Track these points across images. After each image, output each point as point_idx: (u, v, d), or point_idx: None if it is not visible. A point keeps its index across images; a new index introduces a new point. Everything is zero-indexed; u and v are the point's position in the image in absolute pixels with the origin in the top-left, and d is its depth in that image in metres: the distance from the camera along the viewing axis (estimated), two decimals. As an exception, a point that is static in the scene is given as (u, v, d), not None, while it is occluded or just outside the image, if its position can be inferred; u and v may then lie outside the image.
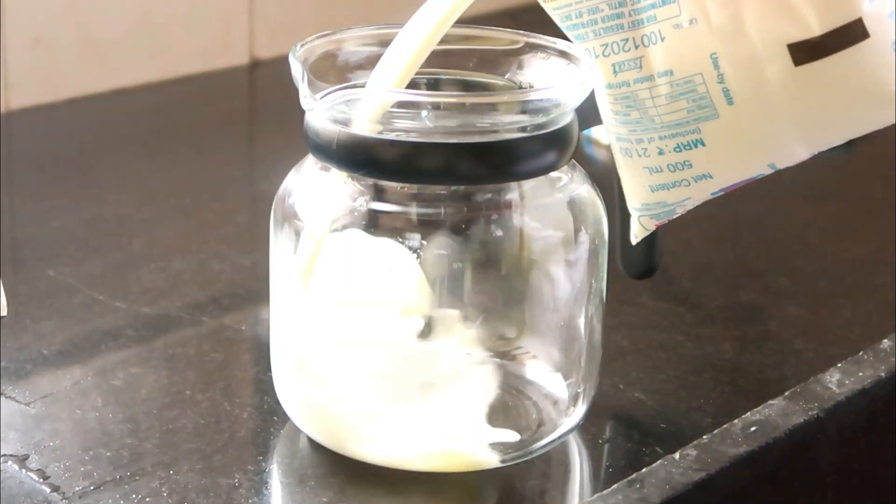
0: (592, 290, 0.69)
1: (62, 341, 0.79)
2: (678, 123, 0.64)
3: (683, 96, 0.63)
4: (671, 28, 0.62)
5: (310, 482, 0.67)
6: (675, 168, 0.65)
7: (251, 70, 1.30)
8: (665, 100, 0.64)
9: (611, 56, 0.64)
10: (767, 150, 0.65)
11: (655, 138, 0.65)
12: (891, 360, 0.79)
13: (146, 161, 1.09)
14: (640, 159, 0.66)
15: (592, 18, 0.64)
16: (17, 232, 0.95)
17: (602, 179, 0.72)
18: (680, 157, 0.65)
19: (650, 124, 0.65)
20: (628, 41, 0.64)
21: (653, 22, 0.63)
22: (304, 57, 0.66)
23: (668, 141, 0.65)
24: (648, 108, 0.64)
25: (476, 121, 0.65)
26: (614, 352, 0.78)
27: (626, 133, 0.66)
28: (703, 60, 0.62)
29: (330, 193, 0.65)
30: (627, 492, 0.66)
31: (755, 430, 0.71)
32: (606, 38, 0.64)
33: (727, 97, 0.63)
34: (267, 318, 0.72)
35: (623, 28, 0.63)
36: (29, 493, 0.65)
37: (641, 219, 0.70)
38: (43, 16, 1.15)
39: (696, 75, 0.63)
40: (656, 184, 0.67)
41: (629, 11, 0.63)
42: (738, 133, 0.64)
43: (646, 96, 0.64)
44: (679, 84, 0.63)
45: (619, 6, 0.63)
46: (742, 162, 0.66)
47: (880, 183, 1.08)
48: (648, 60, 0.64)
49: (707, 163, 0.65)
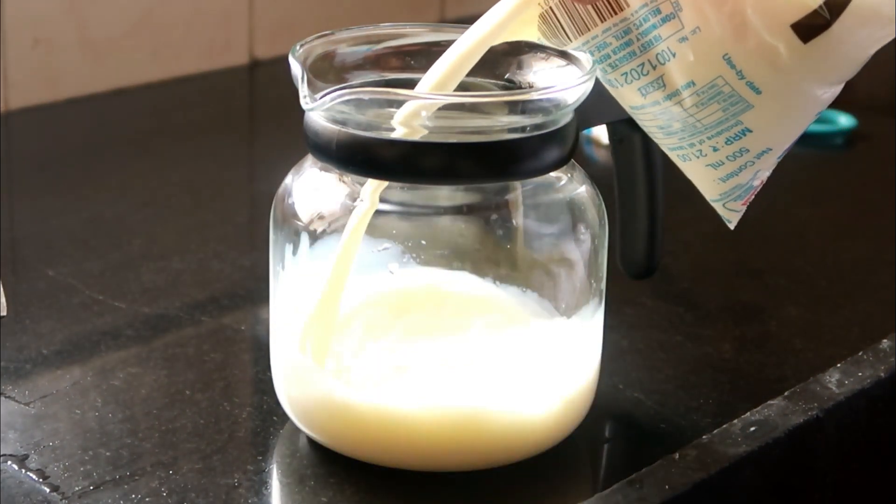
0: (592, 290, 0.69)
1: (62, 341, 0.79)
2: (719, 122, 0.65)
3: (713, 100, 0.64)
4: (678, 42, 0.63)
5: (309, 482, 0.67)
6: (735, 156, 0.66)
7: (251, 70, 1.30)
8: (697, 108, 0.64)
9: (633, 83, 0.65)
10: (809, 108, 0.66)
11: (705, 139, 0.66)
12: (890, 360, 0.79)
13: (146, 161, 1.09)
14: (699, 160, 0.67)
15: (604, 54, 0.64)
16: (17, 232, 0.95)
17: (602, 179, 0.72)
18: (734, 147, 0.66)
19: (694, 130, 0.65)
20: (644, 65, 0.64)
21: (659, 41, 0.63)
22: (303, 57, 0.66)
23: (717, 138, 0.66)
24: (686, 118, 0.65)
25: (476, 121, 0.65)
26: (614, 352, 0.78)
27: (677, 142, 0.67)
28: (718, 64, 0.63)
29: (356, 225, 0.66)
30: (627, 492, 0.66)
31: (755, 430, 0.71)
32: (623, 67, 0.65)
33: (753, 89, 0.63)
34: (267, 318, 0.72)
35: (636, 54, 0.64)
36: (28, 493, 0.65)
37: (727, 205, 0.70)
38: (43, 16, 1.15)
39: (717, 79, 0.63)
40: (724, 174, 0.68)
41: (636, 37, 0.64)
42: (777, 112, 0.65)
43: (679, 110, 0.65)
44: (704, 91, 0.64)
45: (624, 35, 0.64)
46: (792, 126, 0.67)
47: (880, 183, 1.08)
48: (669, 77, 0.64)
49: (761, 142, 0.66)
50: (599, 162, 1.06)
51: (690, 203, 0.72)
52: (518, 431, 0.67)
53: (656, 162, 0.75)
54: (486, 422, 0.66)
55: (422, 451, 0.67)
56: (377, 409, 0.66)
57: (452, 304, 0.70)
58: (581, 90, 0.65)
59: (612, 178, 0.75)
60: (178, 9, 1.24)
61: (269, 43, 1.30)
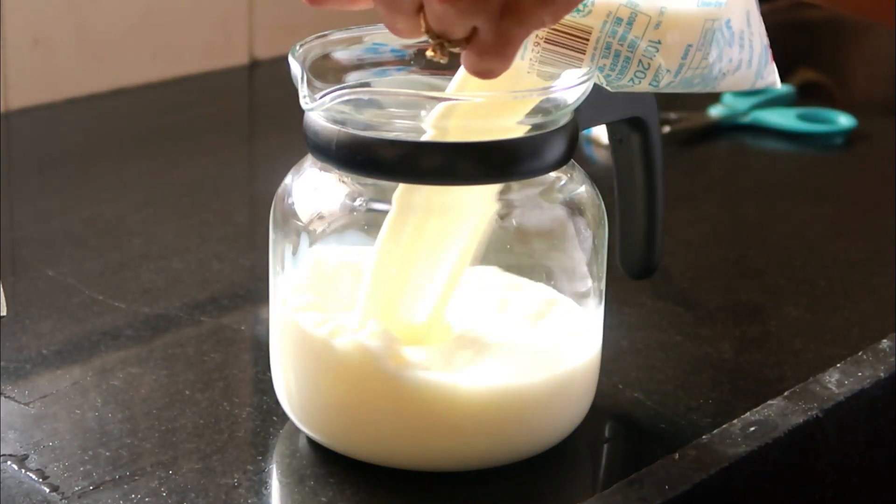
0: (592, 290, 0.69)
1: (61, 341, 0.79)
2: (723, 50, 0.66)
3: (712, 43, 0.65)
4: (654, 30, 0.63)
5: (309, 482, 0.67)
6: (742, 47, 0.68)
7: (251, 70, 1.30)
8: (704, 59, 0.65)
9: (642, 81, 0.65)
10: None
11: (727, 72, 0.67)
12: (890, 360, 0.79)
13: (146, 161, 1.09)
14: (730, 78, 0.68)
15: (606, 74, 0.65)
16: (17, 232, 0.95)
17: (602, 179, 0.72)
18: (745, 44, 0.67)
19: (711, 72, 0.66)
20: (640, 63, 0.64)
21: (639, 41, 0.63)
22: (303, 57, 0.66)
23: (731, 60, 0.67)
24: (700, 72, 0.65)
25: (476, 121, 0.65)
26: (614, 352, 0.78)
27: (703, 88, 0.67)
28: (698, 18, 0.64)
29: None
30: (627, 492, 0.66)
31: (754, 430, 0.71)
32: (626, 75, 0.65)
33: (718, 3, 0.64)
34: (266, 318, 0.72)
35: (629, 60, 0.64)
36: (28, 493, 0.65)
37: (765, 74, 0.71)
38: (43, 16, 1.15)
39: (705, 23, 0.64)
40: (753, 73, 0.69)
41: (619, 46, 0.64)
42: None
43: (691, 73, 0.65)
44: (703, 43, 0.65)
45: (607, 49, 0.64)
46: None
47: (880, 183, 1.08)
48: (668, 60, 0.64)
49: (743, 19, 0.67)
50: (599, 162, 1.06)
51: (690, 203, 0.72)
52: (518, 431, 0.67)
53: (656, 162, 0.75)
54: (486, 422, 0.66)
55: (422, 450, 0.67)
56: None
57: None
58: (581, 90, 0.65)
59: (611, 178, 0.75)
60: (178, 9, 1.23)
61: (269, 43, 1.30)
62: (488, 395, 0.66)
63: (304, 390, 0.68)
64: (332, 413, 0.67)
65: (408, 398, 0.65)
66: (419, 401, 0.65)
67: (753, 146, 1.16)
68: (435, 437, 0.66)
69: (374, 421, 0.66)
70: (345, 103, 0.63)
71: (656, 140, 0.74)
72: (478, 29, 0.58)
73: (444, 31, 0.58)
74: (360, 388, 0.66)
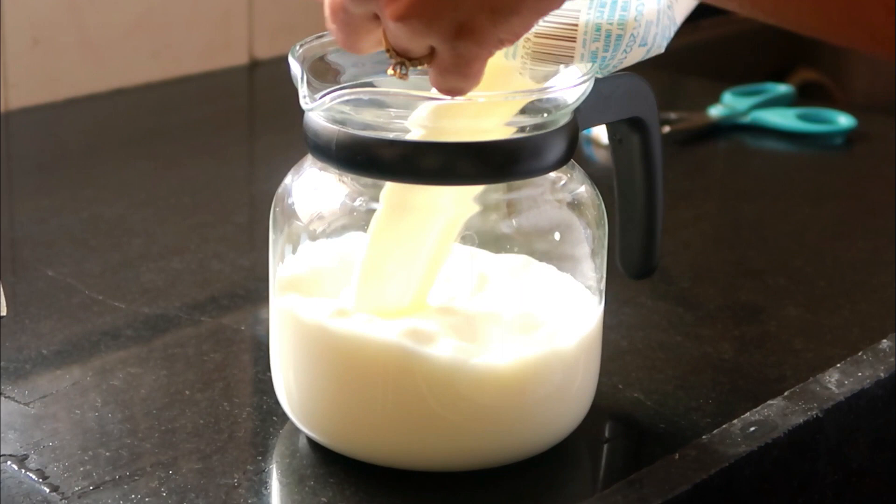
0: (592, 290, 0.69)
1: (61, 341, 0.79)
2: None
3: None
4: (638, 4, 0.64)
5: (309, 482, 0.67)
6: None
7: (250, 70, 1.30)
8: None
9: (635, 48, 0.64)
10: None
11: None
12: (890, 360, 0.79)
13: (146, 161, 1.09)
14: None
15: (602, 58, 0.64)
16: (17, 232, 0.95)
17: (602, 179, 0.72)
18: None
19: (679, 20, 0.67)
20: (633, 37, 0.64)
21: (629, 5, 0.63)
22: (303, 57, 0.66)
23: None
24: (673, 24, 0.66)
25: (476, 121, 0.65)
26: (613, 352, 0.78)
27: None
28: None
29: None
30: (627, 492, 0.66)
31: (754, 430, 0.71)
32: (619, 49, 0.64)
33: None
34: (266, 318, 0.72)
35: (620, 39, 0.64)
36: (28, 493, 0.66)
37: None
38: (43, 16, 1.15)
39: None
40: None
41: (608, 24, 0.64)
42: None
43: (668, 23, 0.65)
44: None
45: (597, 31, 0.64)
46: None
47: (880, 183, 1.08)
48: (644, 22, 0.64)
49: None
50: (599, 162, 1.06)
51: (690, 203, 0.72)
52: (518, 430, 0.67)
53: (656, 162, 0.75)
54: (486, 421, 0.66)
55: (422, 450, 0.67)
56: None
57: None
58: (581, 90, 0.65)
59: (611, 178, 0.75)
60: (178, 9, 1.24)
61: (268, 43, 1.30)
62: (488, 394, 0.66)
63: (304, 389, 0.68)
64: (332, 413, 0.67)
65: (408, 391, 0.65)
66: (419, 398, 0.65)
67: (753, 146, 1.16)
68: (435, 437, 0.66)
69: (375, 421, 0.66)
70: (344, 103, 0.63)
71: (656, 140, 0.74)
72: (435, 49, 0.58)
73: (403, 51, 0.58)
74: (358, 377, 0.66)
